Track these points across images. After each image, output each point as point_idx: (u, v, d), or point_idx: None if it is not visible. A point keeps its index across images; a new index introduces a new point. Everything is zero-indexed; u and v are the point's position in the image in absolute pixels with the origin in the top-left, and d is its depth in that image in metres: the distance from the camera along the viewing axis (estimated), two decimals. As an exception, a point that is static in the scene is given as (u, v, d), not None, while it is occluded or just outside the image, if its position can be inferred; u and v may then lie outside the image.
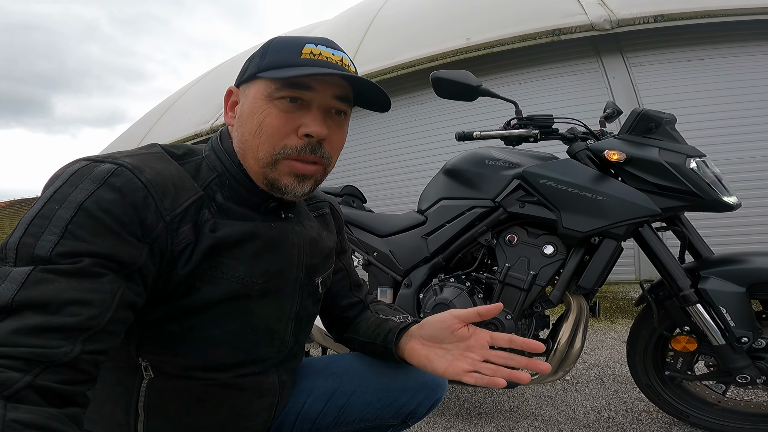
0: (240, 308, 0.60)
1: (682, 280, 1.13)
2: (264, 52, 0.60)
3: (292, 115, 0.58)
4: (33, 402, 0.37)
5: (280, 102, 0.57)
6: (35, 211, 0.45)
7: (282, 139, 0.58)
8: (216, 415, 0.62)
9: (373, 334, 0.76)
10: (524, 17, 4.15)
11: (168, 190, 0.52)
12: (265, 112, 0.58)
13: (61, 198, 0.46)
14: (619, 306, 2.96)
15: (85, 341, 0.42)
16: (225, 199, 0.60)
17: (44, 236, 0.43)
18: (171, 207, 0.52)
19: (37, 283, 0.41)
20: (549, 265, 1.26)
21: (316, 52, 0.58)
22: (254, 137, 0.58)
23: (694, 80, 3.77)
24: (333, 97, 0.60)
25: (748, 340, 1.07)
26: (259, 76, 0.58)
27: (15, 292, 0.40)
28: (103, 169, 0.48)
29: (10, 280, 0.41)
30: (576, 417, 1.46)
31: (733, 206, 1.13)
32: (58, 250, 0.43)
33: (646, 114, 1.18)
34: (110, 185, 0.47)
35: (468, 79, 1.22)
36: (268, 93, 0.58)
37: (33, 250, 0.43)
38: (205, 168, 0.60)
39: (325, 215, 0.80)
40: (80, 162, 0.50)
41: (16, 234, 0.44)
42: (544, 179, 1.22)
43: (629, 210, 1.14)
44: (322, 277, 0.74)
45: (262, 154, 0.58)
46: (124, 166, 0.49)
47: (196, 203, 0.55)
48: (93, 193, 0.46)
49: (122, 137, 8.70)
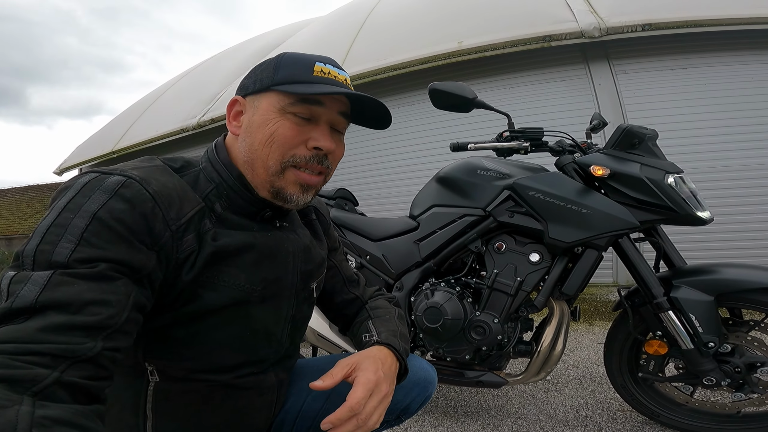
0: (240, 313, 0.62)
1: (656, 288, 1.21)
2: (276, 66, 0.63)
3: (302, 129, 0.62)
4: (60, 398, 0.39)
5: (292, 116, 0.61)
6: (50, 221, 0.47)
7: (291, 149, 0.62)
8: (221, 414, 0.65)
9: (360, 345, 0.79)
10: (516, 22, 4.17)
11: (173, 200, 0.55)
12: (278, 123, 0.61)
13: (75, 208, 0.48)
14: (597, 309, 3.07)
15: (104, 339, 0.44)
16: (223, 209, 0.62)
17: (61, 243, 0.46)
18: (176, 217, 0.54)
19: (58, 285, 0.43)
20: (535, 272, 1.32)
21: (325, 71, 0.63)
22: (264, 146, 0.61)
23: (678, 89, 3.82)
24: (338, 113, 0.65)
25: (715, 345, 1.15)
26: (274, 89, 0.61)
27: (38, 293, 0.42)
28: (113, 181, 0.51)
29: (32, 282, 0.43)
30: (556, 415, 1.53)
31: (706, 221, 1.21)
32: (76, 256, 0.45)
33: (630, 130, 1.25)
34: (121, 196, 0.50)
35: (464, 91, 1.26)
36: (281, 106, 0.61)
37: (51, 256, 0.45)
38: (203, 179, 0.63)
39: (312, 221, 0.83)
40: (90, 174, 0.52)
41: (33, 242, 0.46)
42: (533, 191, 1.29)
43: (611, 223, 1.21)
44: (316, 282, 0.77)
45: (272, 162, 0.61)
46: (132, 178, 0.52)
47: (199, 213, 0.58)
48: (105, 203, 0.49)
49: (105, 129, 8.47)
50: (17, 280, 0.43)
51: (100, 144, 7.45)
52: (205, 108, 5.81)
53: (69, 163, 7.93)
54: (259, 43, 7.77)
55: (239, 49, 8.26)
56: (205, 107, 5.82)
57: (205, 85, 6.61)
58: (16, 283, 0.43)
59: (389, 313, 0.86)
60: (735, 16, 3.54)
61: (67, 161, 8.05)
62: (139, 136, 6.53)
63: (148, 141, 6.29)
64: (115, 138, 7.09)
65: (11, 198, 15.24)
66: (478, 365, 1.41)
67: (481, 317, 1.32)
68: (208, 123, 5.57)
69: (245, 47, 8.14)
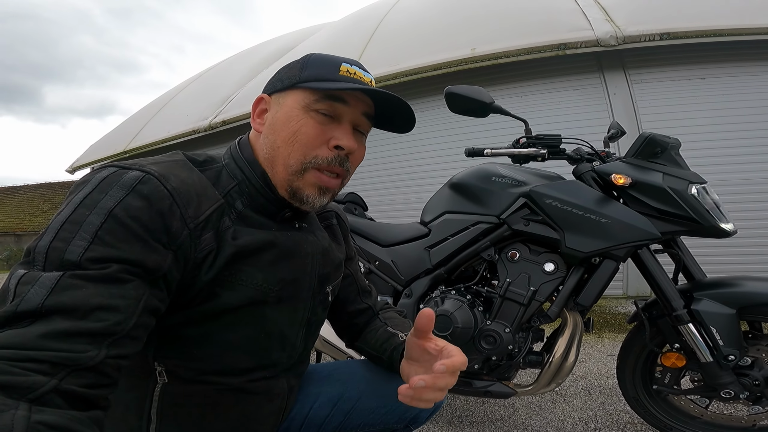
0: (256, 314, 0.61)
1: (677, 301, 1.18)
2: (303, 65, 0.63)
3: (325, 128, 0.62)
4: (57, 405, 0.38)
5: (315, 114, 0.61)
6: (66, 216, 0.46)
7: (314, 149, 0.61)
8: (227, 419, 0.64)
9: (380, 348, 0.79)
10: (530, 30, 4.15)
11: (192, 198, 0.54)
12: (301, 121, 0.61)
13: (92, 204, 0.47)
14: (606, 320, 3.03)
15: (109, 346, 0.43)
16: (244, 206, 0.62)
17: (74, 241, 0.44)
18: (194, 215, 0.53)
19: (66, 289, 0.42)
20: (549, 282, 1.30)
21: (351, 71, 0.63)
22: (287, 145, 0.61)
23: (695, 99, 3.76)
24: (362, 113, 0.65)
25: (735, 358, 1.13)
26: (300, 86, 0.61)
27: (45, 297, 0.41)
28: (131, 177, 0.50)
29: (40, 285, 0.42)
30: (564, 427, 1.51)
31: (729, 233, 1.18)
32: (88, 256, 0.44)
33: (653, 139, 1.22)
34: (138, 192, 0.49)
35: (481, 95, 1.23)
36: (306, 104, 0.61)
37: (63, 254, 0.44)
38: (225, 176, 0.62)
39: (333, 226, 0.82)
40: (109, 169, 0.51)
41: (46, 238, 0.45)
42: (550, 199, 1.26)
43: (631, 233, 1.19)
44: (332, 286, 0.76)
45: (293, 161, 0.61)
46: (151, 174, 0.51)
47: (218, 211, 0.57)
48: (122, 200, 0.48)
49: (118, 129, 8.58)
50: (25, 281, 0.42)
51: (112, 144, 7.55)
52: (217, 110, 5.87)
53: (81, 162, 8.04)
54: (271, 47, 7.85)
55: (252, 52, 8.35)
56: (217, 109, 5.88)
57: (217, 88, 6.68)
58: (24, 284, 0.42)
59: (405, 322, 0.86)
60: (756, 26, 3.48)
61: (80, 160, 8.17)
62: (151, 137, 6.61)
63: (159, 142, 6.36)
64: (127, 138, 7.18)
65: (23, 195, 15.47)
66: (486, 375, 1.38)
67: (491, 326, 1.30)
68: (220, 125, 5.62)
69: (258, 51, 8.22)
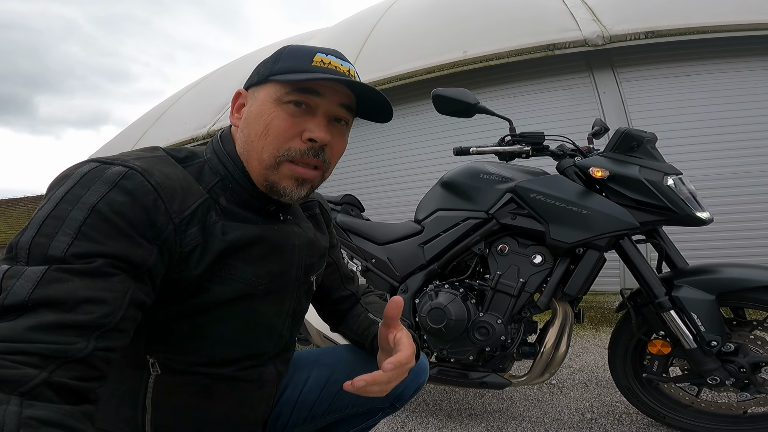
0: (245, 307, 0.62)
1: (658, 288, 1.22)
2: (277, 57, 0.63)
3: (297, 120, 0.61)
4: (48, 398, 0.38)
5: (287, 106, 0.60)
6: (47, 211, 0.45)
7: (286, 141, 0.60)
8: (221, 406, 0.65)
9: (363, 335, 0.81)
10: (520, 32, 4.21)
11: (176, 193, 0.53)
12: (272, 114, 0.60)
13: (74, 199, 0.46)
14: (603, 315, 3.06)
15: (98, 338, 0.43)
16: (228, 201, 0.61)
17: (58, 237, 0.44)
18: (179, 210, 0.53)
19: (52, 282, 0.41)
20: (537, 274, 1.34)
21: (326, 61, 0.61)
22: (260, 138, 0.60)
23: (682, 95, 3.83)
24: (338, 104, 0.63)
25: (717, 343, 1.16)
26: (271, 79, 0.61)
27: (31, 290, 0.40)
28: (114, 172, 0.49)
29: (25, 278, 0.41)
30: (561, 418, 1.54)
31: (706, 221, 1.22)
32: (72, 251, 0.44)
33: (629, 133, 1.27)
34: (122, 188, 0.48)
35: (466, 96, 1.29)
36: (277, 96, 0.60)
37: (47, 250, 0.43)
38: (208, 171, 0.62)
39: (316, 215, 0.83)
40: (90, 164, 0.50)
41: (28, 233, 0.44)
42: (535, 193, 1.31)
43: (611, 223, 1.24)
44: (316, 275, 0.78)
45: (266, 155, 0.60)
46: (134, 169, 0.50)
47: (203, 206, 0.57)
48: (105, 195, 0.47)
49: (116, 139, 8.64)
50: (10, 275, 0.41)
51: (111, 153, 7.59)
52: (214, 118, 5.92)
53: (81, 173, 8.09)
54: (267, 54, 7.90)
55: (248, 59, 8.42)
56: (215, 117, 5.93)
57: (214, 95, 6.73)
58: (9, 278, 0.41)
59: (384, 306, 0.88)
60: (738, 23, 3.55)
61: (80, 171, 8.21)
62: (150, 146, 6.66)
63: (158, 151, 6.41)
64: (126, 148, 7.17)
65: (23, 207, 15.52)
66: (481, 366, 1.42)
67: (484, 318, 1.34)
68: (218, 132, 5.67)
69: (254, 57, 8.29)
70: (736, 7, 3.68)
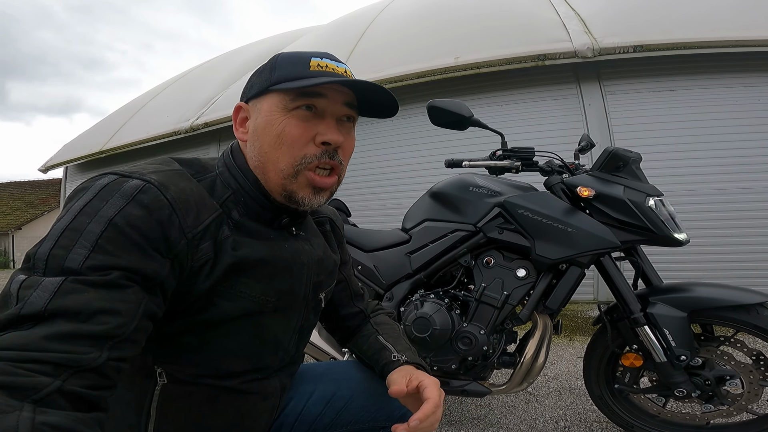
0: (252, 323, 0.63)
1: (634, 304, 1.28)
2: (272, 67, 0.62)
3: (308, 124, 0.61)
4: (60, 406, 0.39)
5: (296, 112, 0.60)
6: (66, 223, 0.47)
7: (302, 148, 0.61)
8: (223, 417, 0.66)
9: (372, 359, 0.81)
10: (512, 40, 4.26)
11: (191, 207, 0.54)
12: (283, 122, 0.60)
13: (92, 212, 0.47)
14: (577, 324, 3.15)
15: (111, 348, 0.44)
16: (240, 215, 0.62)
17: (75, 249, 0.45)
18: (193, 224, 0.54)
19: (68, 293, 0.43)
20: (521, 287, 1.38)
21: (323, 65, 0.62)
22: (274, 149, 0.61)
23: (664, 110, 3.93)
24: (343, 104, 0.64)
25: (686, 358, 1.23)
26: (272, 90, 0.61)
27: (48, 300, 0.42)
28: (132, 185, 0.50)
29: (42, 289, 0.42)
30: (536, 426, 1.59)
31: (682, 242, 1.29)
32: (89, 264, 0.45)
33: (616, 153, 1.32)
34: (138, 202, 0.50)
35: (461, 109, 1.31)
36: (283, 105, 0.60)
37: (64, 262, 0.44)
38: (220, 185, 0.62)
39: (327, 232, 0.83)
40: (109, 176, 0.52)
41: (46, 245, 0.46)
42: (523, 209, 1.35)
43: (594, 242, 1.28)
44: (325, 292, 0.78)
45: (284, 165, 0.61)
46: (151, 183, 0.51)
47: (216, 220, 0.57)
48: (123, 208, 0.48)
49: (94, 129, 8.36)
50: (27, 285, 0.43)
51: (88, 143, 7.36)
52: (198, 112, 5.81)
53: (55, 161, 7.81)
54: (255, 50, 7.83)
55: (235, 54, 8.30)
56: (199, 111, 5.82)
57: (199, 90, 6.61)
58: (26, 288, 0.43)
59: (395, 330, 0.88)
60: (722, 39, 3.65)
61: (54, 159, 7.93)
62: (130, 137, 6.48)
63: (138, 142, 6.25)
64: (104, 138, 7.01)
65: (-9, 193, 14.86)
66: (463, 375, 1.45)
67: (468, 328, 1.37)
68: (202, 127, 5.57)
69: (242, 53, 8.19)
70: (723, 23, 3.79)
